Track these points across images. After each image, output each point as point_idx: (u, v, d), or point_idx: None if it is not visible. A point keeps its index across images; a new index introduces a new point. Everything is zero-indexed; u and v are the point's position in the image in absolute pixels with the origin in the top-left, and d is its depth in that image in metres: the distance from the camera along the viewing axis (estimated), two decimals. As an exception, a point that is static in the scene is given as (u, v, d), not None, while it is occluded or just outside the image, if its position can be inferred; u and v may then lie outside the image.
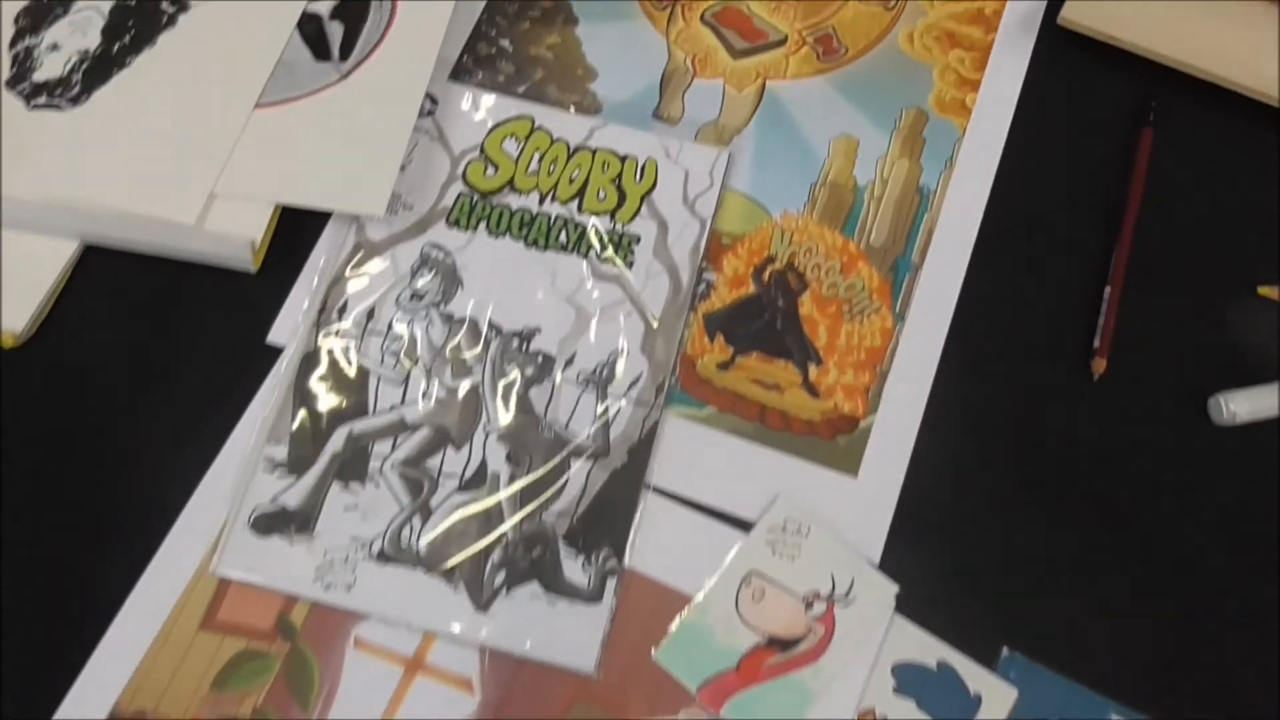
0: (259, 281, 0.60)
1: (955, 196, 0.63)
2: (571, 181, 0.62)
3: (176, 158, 0.59)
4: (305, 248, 0.61)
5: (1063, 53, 0.67)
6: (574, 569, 0.54)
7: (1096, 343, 0.60)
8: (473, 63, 0.66)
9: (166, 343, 0.59)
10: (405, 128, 0.61)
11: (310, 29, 0.64)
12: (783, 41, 0.67)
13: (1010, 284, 0.62)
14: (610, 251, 0.61)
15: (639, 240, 0.61)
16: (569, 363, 0.59)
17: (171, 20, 0.64)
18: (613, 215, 0.62)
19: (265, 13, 0.64)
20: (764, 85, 0.66)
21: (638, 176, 0.63)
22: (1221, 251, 0.63)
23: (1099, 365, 0.59)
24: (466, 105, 0.64)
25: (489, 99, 0.64)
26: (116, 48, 0.63)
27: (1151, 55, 0.65)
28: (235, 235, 0.58)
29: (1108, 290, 0.61)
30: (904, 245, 0.62)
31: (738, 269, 0.62)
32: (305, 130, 0.61)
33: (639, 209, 0.62)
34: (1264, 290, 0.61)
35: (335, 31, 0.64)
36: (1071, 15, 0.66)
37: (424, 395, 0.58)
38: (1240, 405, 0.58)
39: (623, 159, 0.63)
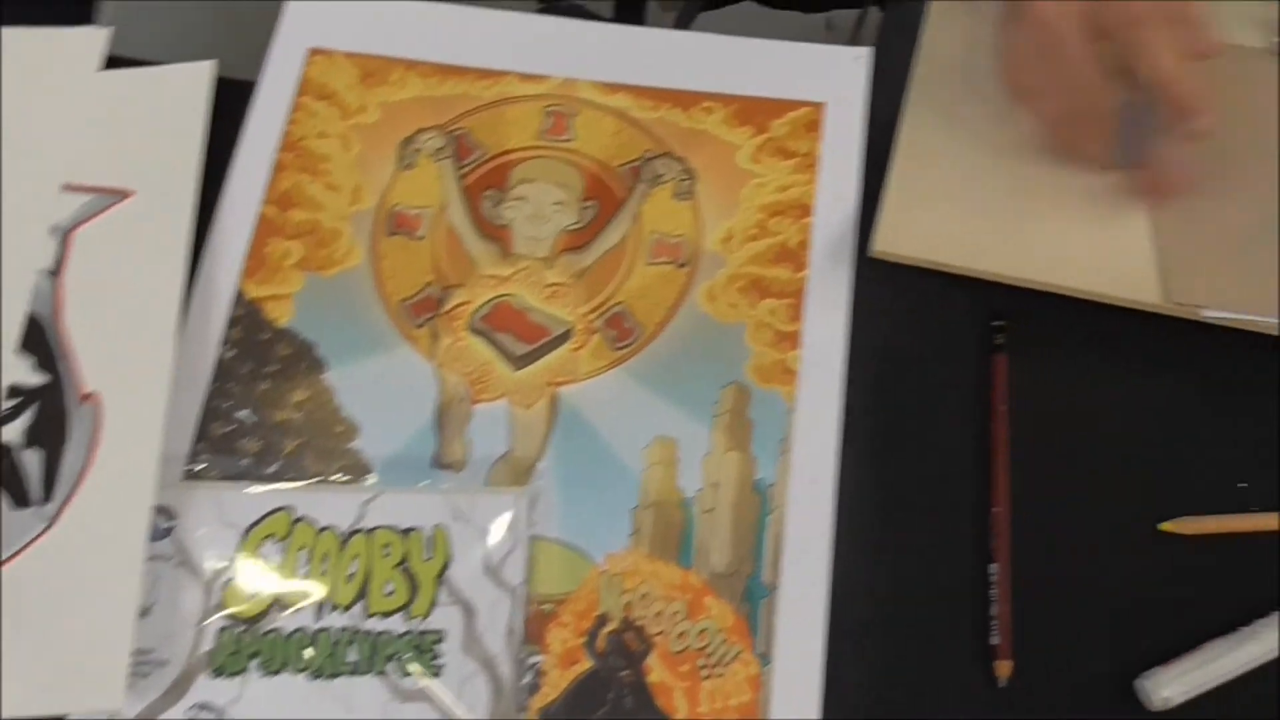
0: (-8, 810, 0.49)
1: (798, 486, 0.54)
2: (350, 579, 0.52)
3: None
4: (42, 752, 0.50)
5: (887, 279, 0.58)
6: None
7: (994, 639, 0.52)
8: (209, 450, 0.55)
9: None
10: (133, 569, 0.50)
11: (3, 467, 0.53)
12: (568, 335, 0.58)
13: (882, 582, 0.52)
14: (411, 661, 0.51)
15: (442, 637, 0.52)
16: (387, 822, 0.49)
17: None
18: (406, 612, 0.52)
19: (-53, 451, 0.53)
20: (555, 396, 0.57)
21: (426, 554, 0.53)
22: (1111, 487, 0.54)
23: (1003, 669, 0.50)
24: (210, 510, 0.53)
25: (235, 495, 0.54)
26: None
27: (985, 276, 0.57)
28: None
29: (993, 568, 0.53)
30: (752, 563, 0.53)
31: (567, 641, 0.52)
32: (13, 607, 0.49)
33: (435, 597, 0.52)
34: (1167, 526, 0.54)
35: (33, 463, 0.53)
36: (885, 246, 0.57)
37: None
38: (1173, 689, 0.49)
39: (406, 534, 0.53)
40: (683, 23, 1.01)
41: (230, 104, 0.62)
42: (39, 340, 0.55)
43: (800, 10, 1.13)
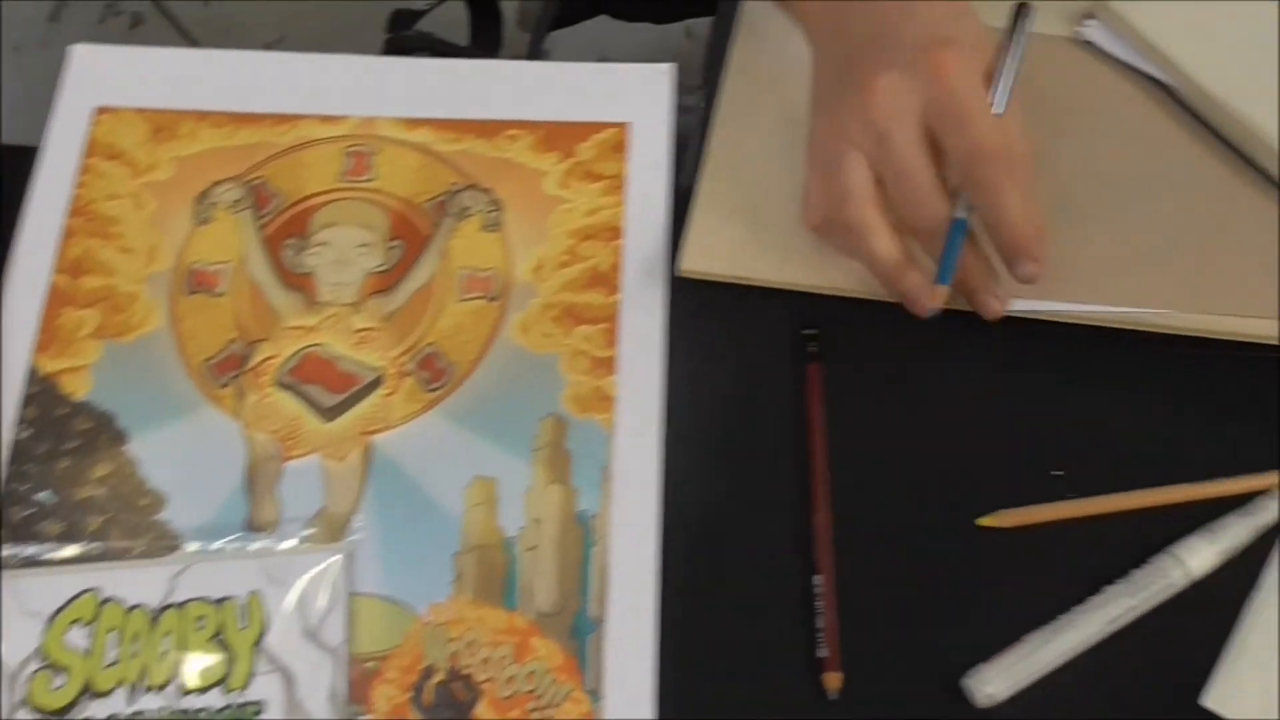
0: None
1: (621, 514, 0.53)
2: (163, 658, 0.50)
3: None
4: None
5: (701, 296, 0.57)
6: None
7: (822, 651, 0.51)
8: (8, 536, 0.52)
9: None
10: (-71, 672, 0.49)
11: None
12: (378, 381, 0.57)
13: (711, 604, 0.52)
14: (230, 737, 0.50)
15: (263, 708, 0.50)
16: None
17: None
18: (223, 685, 0.50)
19: None
20: (369, 445, 0.55)
21: (242, 622, 0.51)
22: (928, 486, 0.54)
23: (832, 681, 0.50)
24: (10, 600, 0.51)
25: (37, 582, 0.51)
26: None
27: (794, 288, 0.57)
28: None
29: (817, 579, 0.53)
30: (578, 599, 0.52)
31: (393, 698, 0.50)
32: None
33: (253, 666, 0.50)
34: (985, 521, 0.54)
35: None
36: (691, 265, 0.57)
37: None
38: (996, 685, 0.49)
39: (220, 604, 0.51)
40: (535, 43, 1.00)
41: (14, 171, 0.60)
42: None
43: (654, 21, 1.12)
